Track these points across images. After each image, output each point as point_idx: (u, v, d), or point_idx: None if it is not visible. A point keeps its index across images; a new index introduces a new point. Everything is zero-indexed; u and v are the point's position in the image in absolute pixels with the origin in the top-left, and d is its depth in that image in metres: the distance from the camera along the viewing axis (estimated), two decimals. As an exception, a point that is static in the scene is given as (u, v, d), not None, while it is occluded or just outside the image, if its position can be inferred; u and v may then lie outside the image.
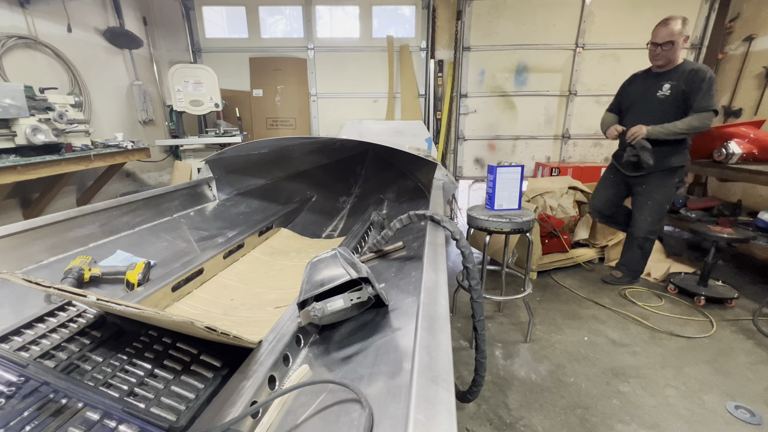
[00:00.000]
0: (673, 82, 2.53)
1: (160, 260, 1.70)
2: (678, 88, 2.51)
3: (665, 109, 2.58)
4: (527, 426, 1.74)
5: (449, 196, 2.65)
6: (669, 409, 1.83)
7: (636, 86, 2.77)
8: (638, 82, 2.76)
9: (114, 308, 0.73)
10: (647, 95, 2.66)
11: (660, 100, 2.58)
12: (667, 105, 2.57)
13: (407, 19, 4.83)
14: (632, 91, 2.77)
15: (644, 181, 2.78)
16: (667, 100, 2.56)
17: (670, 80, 2.55)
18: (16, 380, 0.76)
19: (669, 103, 2.56)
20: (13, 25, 2.89)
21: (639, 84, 2.75)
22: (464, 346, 2.33)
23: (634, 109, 2.75)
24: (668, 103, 2.56)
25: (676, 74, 2.55)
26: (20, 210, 2.93)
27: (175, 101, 3.77)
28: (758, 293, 2.92)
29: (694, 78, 2.46)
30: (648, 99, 2.65)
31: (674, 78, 2.54)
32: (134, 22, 4.21)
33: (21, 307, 1.14)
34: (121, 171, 3.82)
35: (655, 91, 2.60)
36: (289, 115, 4.79)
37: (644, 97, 2.68)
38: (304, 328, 1.04)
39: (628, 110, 2.80)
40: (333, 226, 2.91)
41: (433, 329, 0.69)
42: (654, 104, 2.61)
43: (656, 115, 2.60)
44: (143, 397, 0.78)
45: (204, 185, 2.47)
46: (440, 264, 0.99)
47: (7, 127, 2.28)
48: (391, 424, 0.63)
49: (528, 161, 5.06)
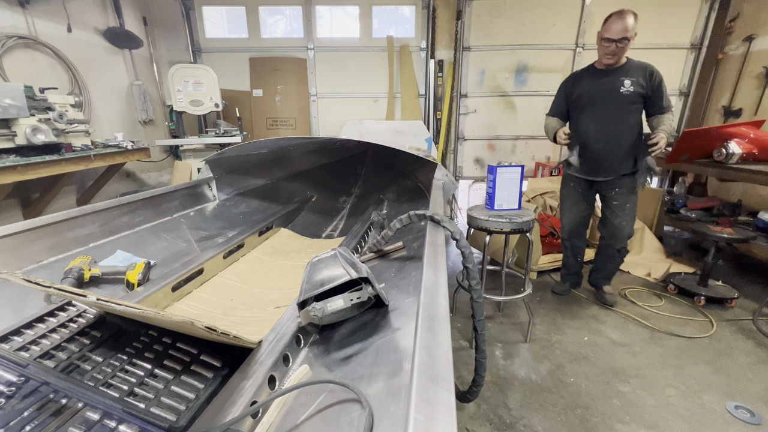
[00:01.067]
0: (632, 78, 2.38)
1: (160, 260, 1.70)
2: (637, 84, 2.38)
3: (629, 106, 2.42)
4: (527, 426, 1.74)
5: (449, 196, 2.65)
6: (669, 409, 1.83)
7: (588, 84, 2.51)
8: (588, 80, 2.52)
9: (114, 308, 0.73)
10: (610, 92, 2.43)
11: (624, 96, 2.40)
12: (630, 101, 2.41)
13: (407, 19, 4.83)
14: (587, 90, 2.51)
15: (617, 183, 2.54)
16: (630, 96, 2.39)
17: (628, 76, 2.39)
18: (16, 380, 0.76)
19: (632, 99, 2.40)
20: (13, 25, 2.89)
21: (591, 81, 2.50)
22: (464, 346, 2.33)
23: (595, 107, 2.49)
24: (631, 99, 2.40)
25: (630, 71, 2.40)
26: (20, 210, 2.93)
27: (175, 101, 3.77)
28: (758, 293, 2.92)
29: (651, 78, 2.38)
30: (612, 96, 2.42)
31: (630, 74, 2.39)
32: (134, 22, 4.20)
33: (21, 307, 1.14)
34: (121, 171, 3.82)
35: (618, 87, 2.40)
36: (289, 115, 4.79)
37: (607, 94, 2.44)
38: (304, 328, 1.04)
39: (585, 109, 2.53)
40: (333, 226, 2.91)
41: (433, 329, 0.69)
42: (618, 100, 2.42)
43: (622, 111, 2.43)
44: (143, 397, 0.78)
45: (204, 185, 2.47)
46: (440, 264, 0.99)
47: (7, 127, 2.28)
48: (391, 424, 0.63)
49: (528, 161, 5.06)
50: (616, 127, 2.45)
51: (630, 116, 2.44)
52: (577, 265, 2.94)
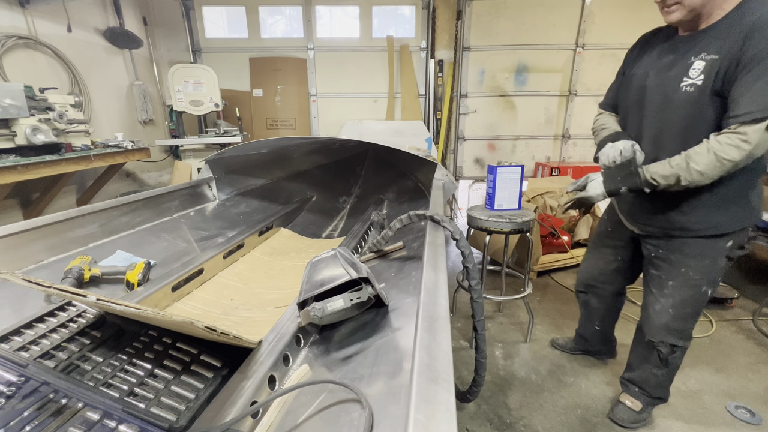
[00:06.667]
0: (710, 55, 1.22)
1: (160, 260, 1.70)
2: (713, 67, 1.21)
3: (695, 111, 1.31)
4: (527, 426, 1.74)
5: (449, 196, 2.65)
6: (669, 409, 1.83)
7: (649, 61, 1.45)
8: (655, 52, 1.44)
9: (114, 308, 0.73)
10: (665, 84, 1.36)
11: (685, 95, 1.30)
12: (697, 102, 1.28)
13: (407, 19, 4.83)
14: (642, 71, 1.46)
15: (665, 243, 1.53)
16: (694, 95, 1.28)
17: (703, 53, 1.24)
18: (16, 380, 0.76)
19: (698, 99, 1.28)
20: (13, 25, 2.89)
21: (654, 56, 1.43)
22: (464, 346, 2.33)
23: (640, 109, 1.47)
24: (697, 99, 1.28)
25: (715, 38, 1.22)
26: (20, 210, 2.93)
27: (175, 101, 3.77)
28: (758, 293, 2.92)
29: (743, 45, 1.15)
30: (666, 92, 1.36)
31: (711, 47, 1.22)
32: (134, 22, 4.20)
33: (21, 307, 1.14)
34: (121, 171, 3.82)
35: (679, 77, 1.30)
36: (289, 115, 4.79)
37: (659, 87, 1.38)
38: (304, 328, 1.04)
39: (630, 109, 1.53)
40: (333, 226, 2.90)
41: (433, 329, 0.69)
42: (676, 102, 1.33)
43: (684, 121, 1.34)
44: (143, 397, 0.78)
45: (204, 185, 2.47)
46: (440, 264, 0.99)
47: (7, 127, 2.28)
48: (391, 424, 0.63)
49: (528, 161, 5.06)
50: (660, 153, 1.37)
51: (688, 132, 1.31)
52: (593, 332, 2.09)
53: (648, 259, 1.62)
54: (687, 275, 1.48)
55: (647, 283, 1.66)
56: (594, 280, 1.94)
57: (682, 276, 1.49)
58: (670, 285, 1.53)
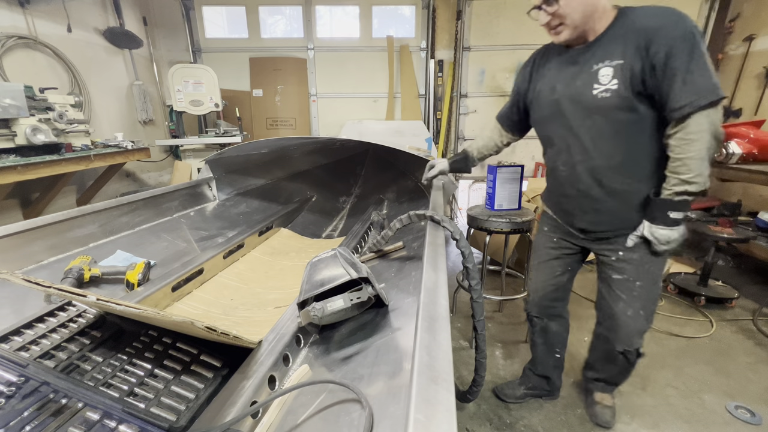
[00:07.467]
0: (614, 61, 1.25)
1: (160, 260, 1.70)
2: (624, 72, 1.24)
3: (613, 117, 1.34)
4: (527, 426, 1.74)
5: (449, 196, 2.65)
6: (669, 409, 1.83)
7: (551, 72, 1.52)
8: (553, 63, 1.53)
9: (114, 308, 0.73)
10: (578, 93, 1.37)
11: (601, 101, 1.31)
12: (614, 107, 1.30)
13: (407, 19, 4.83)
14: (547, 83, 1.51)
15: (619, 243, 1.47)
16: (612, 101, 1.29)
17: (605, 59, 1.27)
18: (16, 380, 0.76)
19: (617, 104, 1.30)
20: (13, 25, 2.89)
21: (555, 68, 1.50)
22: (464, 346, 2.33)
23: (555, 119, 1.48)
24: (615, 104, 1.30)
25: (611, 44, 1.27)
26: (20, 210, 2.93)
27: (175, 101, 3.77)
28: (758, 293, 2.92)
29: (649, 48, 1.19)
30: (580, 101, 1.37)
31: (610, 53, 1.27)
32: (134, 22, 4.20)
33: (21, 307, 1.14)
34: (121, 171, 3.82)
35: (590, 84, 1.32)
36: (289, 115, 4.79)
37: (573, 98, 1.39)
38: (304, 328, 1.04)
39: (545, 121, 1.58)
40: (333, 226, 2.91)
41: (433, 329, 0.69)
42: (591, 109, 1.36)
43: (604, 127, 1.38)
44: (143, 397, 0.78)
45: (204, 185, 2.47)
46: (440, 264, 0.99)
47: (7, 127, 2.28)
48: (391, 424, 0.63)
49: (528, 161, 5.06)
50: (597, 157, 1.37)
51: (621, 134, 1.32)
52: (551, 363, 1.83)
53: (608, 265, 1.52)
54: (650, 271, 1.45)
55: (612, 290, 1.53)
56: (547, 299, 1.75)
57: (647, 273, 1.45)
58: (638, 285, 1.47)
